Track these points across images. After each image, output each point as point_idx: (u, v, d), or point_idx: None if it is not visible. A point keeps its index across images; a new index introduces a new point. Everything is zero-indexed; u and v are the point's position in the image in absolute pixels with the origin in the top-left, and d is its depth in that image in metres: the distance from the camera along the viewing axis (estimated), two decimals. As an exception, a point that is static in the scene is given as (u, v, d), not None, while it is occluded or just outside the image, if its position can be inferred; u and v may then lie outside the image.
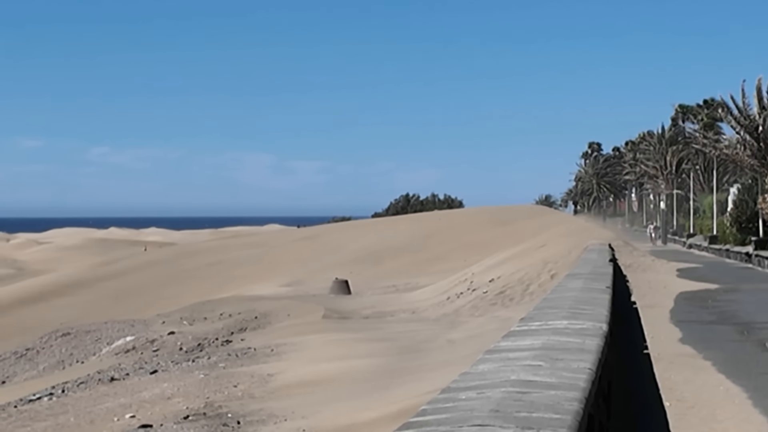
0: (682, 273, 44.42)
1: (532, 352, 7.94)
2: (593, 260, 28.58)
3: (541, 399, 5.81)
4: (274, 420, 19.90)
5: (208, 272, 77.93)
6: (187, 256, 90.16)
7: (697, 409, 13.06)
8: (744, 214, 63.27)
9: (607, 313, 12.06)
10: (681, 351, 18.82)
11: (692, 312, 26.80)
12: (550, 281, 36.33)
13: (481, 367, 7.20)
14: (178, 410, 22.33)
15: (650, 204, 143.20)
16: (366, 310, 44.12)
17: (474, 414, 5.32)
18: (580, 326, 10.06)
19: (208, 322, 45.50)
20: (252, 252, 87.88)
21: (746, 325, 23.09)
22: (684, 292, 33.45)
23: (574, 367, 7.14)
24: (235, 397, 23.32)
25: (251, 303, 48.91)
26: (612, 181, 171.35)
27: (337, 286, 56.48)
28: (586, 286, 16.76)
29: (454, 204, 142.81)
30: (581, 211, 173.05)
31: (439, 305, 43.10)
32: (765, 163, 57.73)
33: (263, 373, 26.59)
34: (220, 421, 20.29)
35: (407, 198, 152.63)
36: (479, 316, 36.75)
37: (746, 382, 14.83)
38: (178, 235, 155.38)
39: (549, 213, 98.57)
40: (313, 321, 39.06)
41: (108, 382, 29.83)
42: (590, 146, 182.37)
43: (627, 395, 13.12)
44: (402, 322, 37.87)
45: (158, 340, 40.66)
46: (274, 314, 43.31)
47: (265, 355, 30.80)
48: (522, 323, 10.48)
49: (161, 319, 49.55)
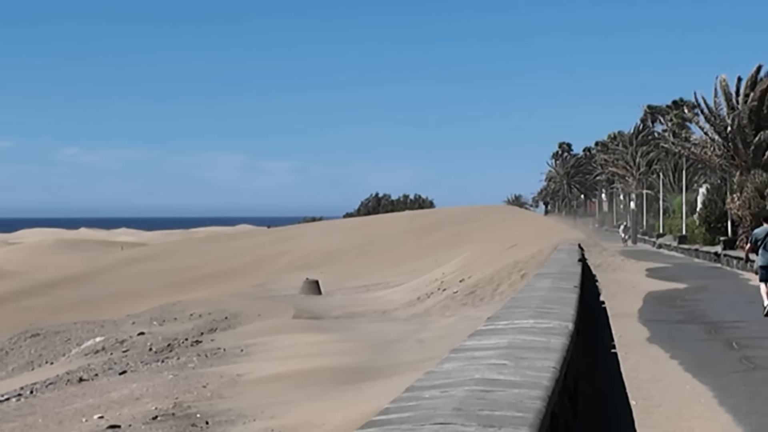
0: (651, 273, 44.59)
1: (497, 350, 7.98)
2: (562, 260, 28.68)
3: (505, 397, 5.84)
4: (243, 420, 19.86)
5: (179, 273, 77.67)
6: (157, 256, 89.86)
7: (663, 408, 13.12)
8: (713, 214, 63.56)
9: (574, 312, 12.12)
10: (648, 350, 18.90)
11: (660, 311, 26.91)
12: (521, 281, 36.41)
13: (446, 366, 7.23)
14: (146, 411, 22.26)
15: (620, 204, 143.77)
16: (337, 310, 44.09)
17: (437, 412, 5.35)
18: (546, 325, 10.10)
19: (178, 323, 45.37)
20: (223, 252, 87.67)
21: (714, 324, 23.20)
22: (653, 292, 33.58)
23: (538, 366, 7.17)
24: (204, 397, 23.26)
25: (221, 303, 48.78)
26: (582, 181, 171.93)
27: (307, 286, 56.40)
28: (554, 285, 16.82)
29: (425, 204, 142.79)
30: (552, 211, 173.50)
31: (410, 305, 43.13)
32: (734, 163, 57.99)
33: (233, 373, 26.53)
34: (188, 422, 20.25)
35: (378, 198, 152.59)
36: (449, 315, 36.80)
37: (713, 381, 14.90)
38: (149, 236, 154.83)
39: (520, 213, 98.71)
40: (283, 321, 39.00)
41: (77, 383, 29.71)
42: (561, 146, 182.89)
43: (594, 394, 13.17)
44: (373, 322, 37.87)
45: (128, 340, 40.52)
46: (244, 314, 43.21)
47: (235, 356, 30.74)
48: (488, 322, 10.52)
49: (131, 319, 49.37)
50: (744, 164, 56.89)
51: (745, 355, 17.70)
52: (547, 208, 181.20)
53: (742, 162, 57.12)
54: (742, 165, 57.00)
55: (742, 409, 12.77)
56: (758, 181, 49.02)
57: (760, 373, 15.66)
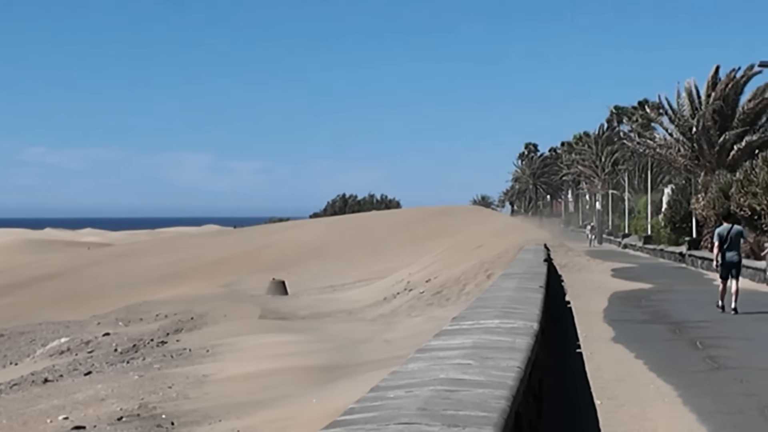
0: (616, 273, 44.76)
1: (462, 350, 7.98)
2: (528, 260, 28.76)
3: (469, 397, 5.84)
4: (208, 421, 19.83)
5: (145, 273, 77.40)
6: (123, 256, 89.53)
7: (628, 408, 13.17)
8: (678, 214, 63.84)
9: (539, 312, 12.14)
10: (613, 350, 18.96)
11: (626, 311, 27.01)
12: (487, 281, 36.47)
13: (411, 365, 7.23)
14: (112, 411, 22.19)
15: (586, 204, 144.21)
16: (303, 310, 44.07)
17: (401, 412, 5.35)
18: (511, 325, 10.12)
19: (144, 323, 45.25)
20: (189, 253, 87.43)
21: (678, 324, 23.30)
22: (618, 292, 33.70)
23: (503, 366, 7.18)
24: (169, 398, 23.20)
25: (187, 304, 48.69)
26: (548, 181, 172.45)
27: (274, 286, 56.35)
28: (520, 285, 16.86)
29: (392, 204, 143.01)
30: (518, 211, 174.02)
31: (376, 305, 43.15)
32: (698, 163, 58.28)
33: (199, 373, 26.48)
34: (154, 422, 20.20)
35: (345, 198, 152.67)
36: (416, 316, 36.84)
37: (677, 381, 14.97)
38: (114, 236, 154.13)
39: (486, 213, 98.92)
40: (249, 321, 38.96)
41: (42, 384, 29.59)
42: (527, 147, 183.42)
43: (559, 394, 13.21)
44: (339, 323, 37.88)
45: (93, 341, 40.36)
46: (210, 315, 43.14)
47: (201, 356, 30.68)
48: (454, 322, 10.53)
49: (96, 320, 49.22)
50: (708, 165, 57.18)
51: (709, 354, 17.79)
52: (514, 209, 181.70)
53: (707, 163, 57.41)
54: (707, 166, 57.29)
55: (706, 408, 12.83)
56: (723, 182, 49.25)
57: (723, 373, 15.75)
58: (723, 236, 25.60)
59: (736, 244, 25.80)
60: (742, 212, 43.38)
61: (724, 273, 25.50)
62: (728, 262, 25.53)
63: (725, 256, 25.53)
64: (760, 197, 42.78)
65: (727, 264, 25.47)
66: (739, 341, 19.75)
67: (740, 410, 12.66)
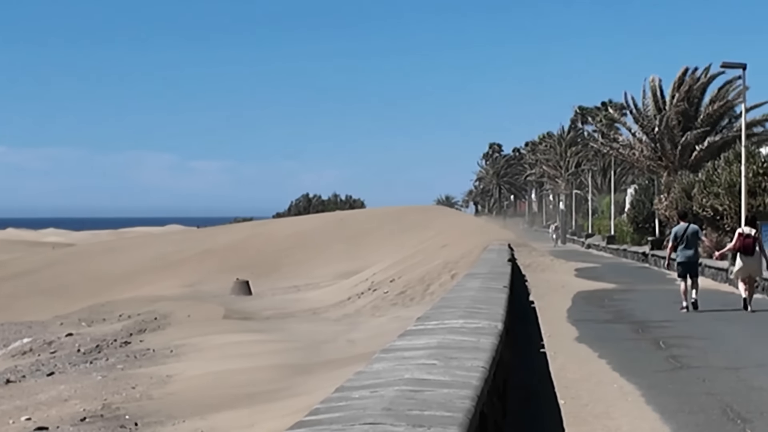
0: (580, 273, 44.96)
1: (427, 350, 7.99)
2: (492, 260, 28.80)
3: (434, 397, 5.85)
4: (172, 421, 19.77)
5: (108, 273, 77.04)
6: (86, 256, 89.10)
7: (592, 407, 13.23)
8: (641, 214, 64.19)
9: (504, 312, 12.17)
10: (577, 349, 19.05)
11: (589, 311, 27.14)
12: (451, 281, 36.54)
13: (375, 366, 7.23)
14: (75, 412, 22.09)
15: (550, 204, 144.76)
16: (267, 310, 44.01)
17: (366, 412, 5.35)
18: (475, 325, 10.14)
19: (107, 324, 45.06)
20: (152, 253, 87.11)
21: (641, 323, 23.43)
22: (581, 292, 33.86)
23: (468, 366, 7.20)
24: (133, 398, 23.12)
25: (151, 304, 48.53)
26: (512, 181, 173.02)
27: (238, 286, 56.24)
28: (484, 285, 16.89)
29: (356, 204, 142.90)
30: (482, 211, 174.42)
31: (340, 305, 43.14)
32: (661, 164, 58.60)
33: (162, 374, 26.41)
34: (117, 423, 20.12)
35: (308, 198, 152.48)
36: (380, 316, 36.86)
37: (640, 380, 15.05)
38: (77, 236, 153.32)
39: (450, 213, 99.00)
40: (213, 322, 38.88)
41: (4, 385, 29.41)
42: (491, 147, 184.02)
43: (523, 393, 13.25)
44: (303, 323, 37.84)
45: (56, 341, 40.13)
46: (174, 315, 43.00)
47: (165, 356, 30.60)
48: (418, 322, 10.53)
49: (59, 320, 48.98)
50: (671, 165, 57.52)
51: (672, 354, 17.89)
52: (478, 209, 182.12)
53: (670, 163, 57.75)
54: (670, 166, 57.63)
55: (669, 407, 12.91)
56: (685, 182, 49.54)
57: (686, 372, 15.84)
58: (679, 235, 26.17)
59: (692, 243, 26.30)
60: (705, 212, 43.67)
61: (682, 272, 26.06)
62: (685, 261, 26.00)
63: (682, 255, 26.03)
64: (722, 198, 43.07)
65: (684, 263, 25.97)
66: (702, 341, 19.88)
67: (702, 409, 12.74)
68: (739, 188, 39.55)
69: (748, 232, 25.99)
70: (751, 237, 25.77)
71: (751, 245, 25.73)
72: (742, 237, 25.88)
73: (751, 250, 25.71)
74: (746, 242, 25.75)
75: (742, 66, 39.04)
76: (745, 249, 25.72)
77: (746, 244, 25.74)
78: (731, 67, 40.95)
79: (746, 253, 25.71)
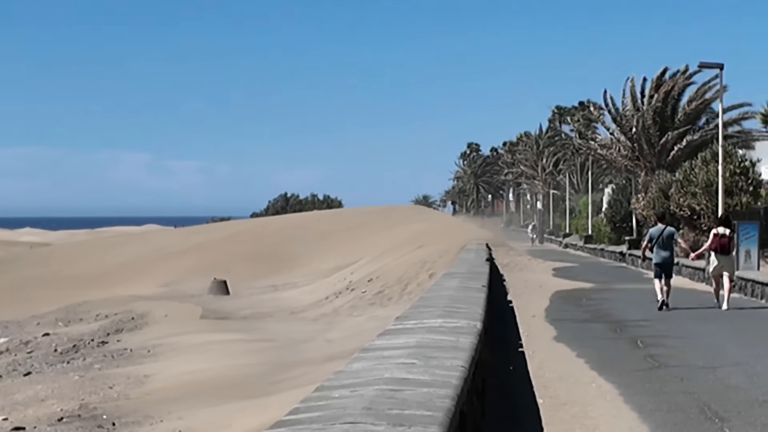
0: (557, 272, 45.01)
1: (406, 350, 7.99)
2: (470, 260, 28.87)
3: (414, 396, 5.85)
4: (149, 421, 19.72)
5: (84, 273, 76.79)
6: (62, 256, 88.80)
7: (570, 406, 13.24)
8: (618, 213, 64.37)
9: (482, 311, 12.18)
10: (555, 349, 19.06)
11: (567, 310, 27.17)
12: (429, 280, 36.53)
13: (355, 365, 7.23)
14: (52, 412, 22.01)
15: (527, 204, 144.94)
16: (244, 310, 43.91)
17: (346, 412, 5.35)
18: (454, 324, 10.14)
19: (84, 323, 44.87)
20: (129, 253, 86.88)
21: (619, 323, 23.46)
22: (559, 291, 33.90)
23: (447, 365, 7.20)
24: (110, 398, 23.05)
25: (128, 303, 48.34)
26: (490, 181, 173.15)
27: (215, 286, 56.10)
28: (462, 285, 16.91)
29: (334, 204, 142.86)
30: (460, 211, 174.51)
31: (318, 305, 43.08)
32: (638, 163, 58.74)
33: (139, 374, 26.33)
34: (94, 423, 20.05)
35: (286, 198, 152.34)
36: (358, 315, 36.82)
37: (618, 380, 15.07)
38: (53, 236, 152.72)
39: (427, 213, 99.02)
40: (190, 321, 38.76)
41: (-20, 385, 29.26)
42: (469, 146, 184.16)
43: (501, 393, 13.26)
44: (281, 322, 37.77)
45: (32, 341, 39.95)
46: (151, 315, 42.85)
47: (142, 356, 30.51)
48: (397, 322, 10.53)
49: (36, 320, 48.73)
50: (649, 165, 57.65)
51: (650, 353, 17.92)
52: (455, 208, 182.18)
53: (647, 163, 57.88)
54: (647, 166, 57.76)
55: (647, 407, 12.93)
56: (662, 182, 49.67)
57: (664, 371, 15.87)
58: (654, 237, 26.91)
59: (668, 245, 26.86)
60: (682, 212, 43.80)
61: (658, 272, 26.68)
62: (661, 262, 26.59)
63: (658, 256, 26.63)
64: (699, 197, 43.21)
65: (660, 264, 26.55)
66: (679, 340, 19.93)
67: (680, 408, 12.76)
68: (717, 188, 39.72)
69: (723, 232, 26.48)
70: (726, 237, 26.39)
71: (726, 245, 26.37)
72: (718, 237, 26.37)
73: (727, 249, 26.38)
74: (722, 242, 26.33)
75: (719, 66, 39.20)
76: (721, 248, 26.30)
77: (722, 244, 26.32)
78: (709, 67, 41.12)
79: (722, 253, 26.30)
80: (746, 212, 40.61)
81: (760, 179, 44.21)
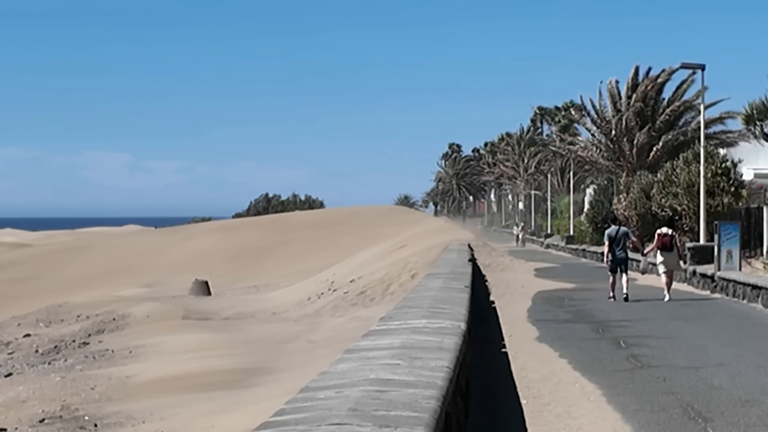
0: (539, 273, 45.06)
1: (391, 351, 7.97)
2: (453, 260, 28.85)
3: (399, 397, 5.83)
4: (131, 422, 19.67)
5: (65, 274, 76.63)
6: (42, 257, 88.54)
7: (553, 407, 13.25)
8: (600, 214, 64.43)
9: (466, 312, 12.18)
10: (538, 349, 19.08)
11: (549, 311, 27.19)
12: (411, 281, 36.54)
13: (340, 366, 7.21)
14: (33, 413, 21.93)
15: (509, 205, 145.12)
16: (226, 310, 43.84)
17: (332, 413, 5.33)
18: (438, 325, 10.13)
19: (65, 324, 44.73)
20: (110, 253, 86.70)
21: (601, 323, 23.50)
22: (541, 292, 33.93)
23: (432, 366, 7.19)
24: (92, 399, 22.98)
25: (109, 304, 48.21)
26: (472, 181, 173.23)
27: (196, 287, 55.99)
28: (445, 285, 16.90)
29: (315, 204, 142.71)
30: (442, 211, 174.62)
31: (300, 306, 43.03)
32: (619, 164, 58.85)
33: (121, 374, 26.26)
34: (76, 424, 19.99)
35: (268, 198, 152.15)
36: (340, 316, 36.79)
37: (601, 380, 15.09)
38: (33, 236, 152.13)
39: (409, 213, 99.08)
40: (172, 322, 38.67)
41: (-39, 386, 29.14)
42: (450, 147, 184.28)
43: (485, 393, 13.26)
44: (263, 323, 37.72)
45: (13, 342, 39.82)
46: (132, 316, 42.75)
47: (124, 357, 30.43)
48: (381, 323, 10.51)
49: (16, 321, 48.54)
50: (629, 165, 57.77)
51: (632, 353, 17.96)
52: (437, 209, 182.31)
53: (628, 163, 58.00)
54: (628, 166, 57.88)
55: (630, 407, 12.95)
56: (644, 182, 49.76)
57: (646, 372, 15.90)
58: (612, 237, 29.96)
59: (622, 243, 29.87)
60: (663, 212, 43.86)
61: (614, 267, 29.69)
62: (617, 258, 29.64)
63: (614, 254, 29.65)
64: (681, 197, 43.30)
65: (616, 260, 29.64)
66: (661, 340, 19.97)
67: (663, 408, 12.79)
68: (698, 188, 39.81)
69: (665, 232, 30.17)
70: (668, 236, 29.93)
71: (668, 243, 29.87)
72: (661, 236, 30.04)
73: (669, 247, 29.87)
74: (664, 240, 29.92)
75: (701, 67, 39.31)
76: (663, 246, 29.90)
77: (664, 242, 29.90)
78: (690, 67, 41.27)
79: (665, 250, 29.87)
80: (728, 213, 40.71)
81: (741, 180, 44.34)
